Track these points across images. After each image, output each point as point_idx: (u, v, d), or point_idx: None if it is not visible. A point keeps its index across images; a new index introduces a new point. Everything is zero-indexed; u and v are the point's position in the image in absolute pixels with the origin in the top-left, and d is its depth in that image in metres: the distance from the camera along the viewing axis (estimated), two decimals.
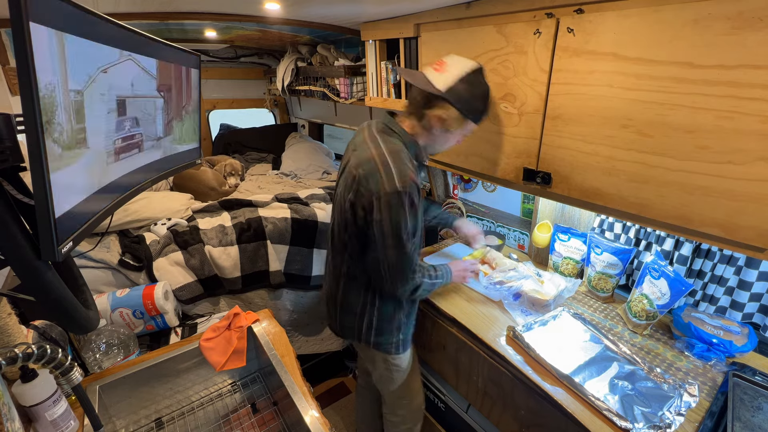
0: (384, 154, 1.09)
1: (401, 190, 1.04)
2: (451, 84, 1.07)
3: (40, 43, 0.57)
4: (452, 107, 1.09)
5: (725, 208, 0.85)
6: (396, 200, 1.05)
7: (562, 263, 1.58)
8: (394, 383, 1.44)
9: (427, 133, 1.17)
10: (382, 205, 1.06)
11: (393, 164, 1.07)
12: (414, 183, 1.07)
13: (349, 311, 1.31)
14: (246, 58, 3.16)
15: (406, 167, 1.08)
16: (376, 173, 1.07)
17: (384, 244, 1.10)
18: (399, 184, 1.04)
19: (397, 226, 1.07)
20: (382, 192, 1.05)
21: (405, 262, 1.12)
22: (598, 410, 0.99)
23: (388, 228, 1.08)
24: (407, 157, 1.12)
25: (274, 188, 2.56)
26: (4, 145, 0.68)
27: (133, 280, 1.65)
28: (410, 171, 1.08)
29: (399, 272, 1.14)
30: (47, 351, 0.71)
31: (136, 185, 1.05)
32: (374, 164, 1.08)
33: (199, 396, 1.27)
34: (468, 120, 1.13)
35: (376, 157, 1.09)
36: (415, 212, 1.10)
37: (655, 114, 0.91)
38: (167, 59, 1.17)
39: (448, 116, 1.11)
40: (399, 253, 1.10)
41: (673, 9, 0.83)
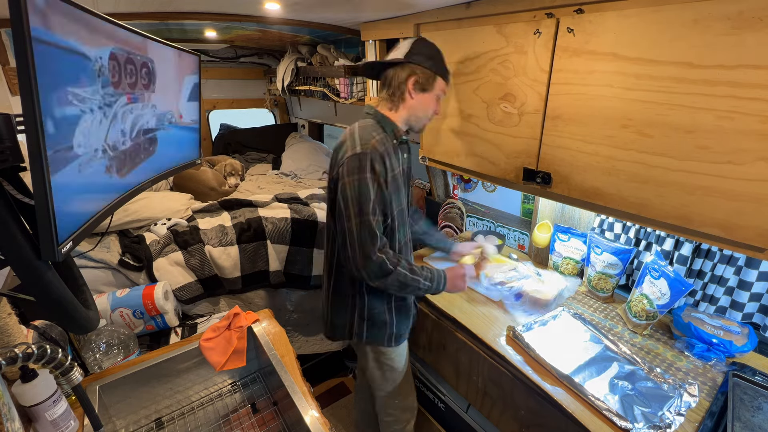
0: (353, 129, 1.18)
1: (360, 151, 1.08)
2: (407, 50, 1.16)
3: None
4: (418, 66, 1.16)
5: (725, 208, 0.85)
6: (356, 162, 1.07)
7: (562, 263, 1.58)
8: (386, 383, 1.43)
9: (404, 106, 1.20)
10: (346, 169, 1.09)
11: (359, 133, 1.14)
12: (376, 149, 1.09)
13: (339, 306, 1.31)
14: (246, 58, 3.16)
15: (370, 135, 1.12)
16: (344, 144, 1.14)
17: (347, 213, 1.09)
18: (359, 148, 1.09)
19: (357, 190, 1.07)
20: (345, 158, 1.09)
21: (365, 233, 1.07)
22: (598, 410, 0.99)
23: (349, 192, 1.08)
24: (375, 130, 1.16)
25: (274, 188, 2.56)
26: (4, 145, 0.68)
27: (133, 280, 1.65)
28: (373, 139, 1.11)
29: (360, 245, 1.08)
30: (47, 351, 0.71)
31: (136, 185, 1.05)
32: (344, 139, 1.17)
33: (199, 396, 1.27)
34: (437, 77, 1.18)
35: (347, 134, 1.18)
36: (379, 182, 1.09)
37: (655, 114, 0.91)
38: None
39: (418, 76, 1.16)
40: (360, 221, 1.07)
41: (673, 9, 0.83)
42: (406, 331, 1.38)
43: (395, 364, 1.40)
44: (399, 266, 1.12)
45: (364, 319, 1.29)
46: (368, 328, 1.30)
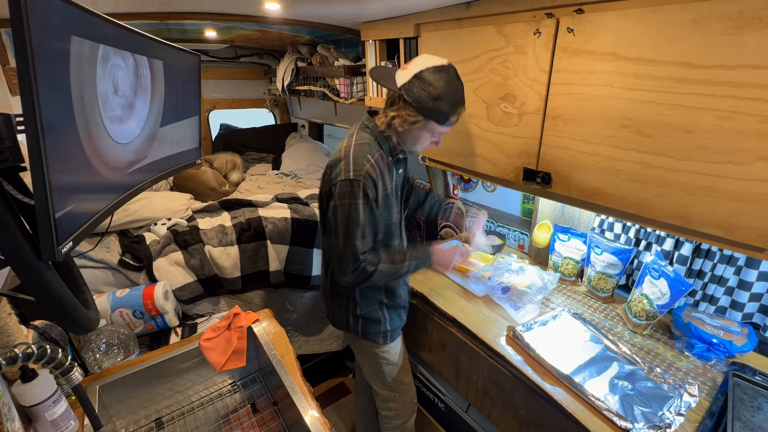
0: (350, 147, 1.14)
1: (353, 178, 1.08)
2: (406, 81, 1.06)
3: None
4: (408, 106, 1.08)
5: (725, 208, 0.85)
6: (347, 188, 1.08)
7: (562, 263, 1.58)
8: (384, 377, 1.45)
9: (395, 131, 1.18)
10: (337, 192, 1.10)
11: (353, 155, 1.11)
12: (369, 175, 1.09)
13: (336, 302, 1.35)
14: (246, 58, 3.16)
15: (364, 159, 1.10)
16: (338, 163, 1.12)
17: (335, 231, 1.13)
18: (352, 174, 1.08)
19: (347, 215, 1.09)
20: (338, 180, 1.10)
21: (348, 253, 1.12)
22: (598, 410, 0.99)
23: (339, 214, 1.11)
24: (371, 151, 1.13)
25: (274, 188, 2.56)
26: (4, 145, 0.68)
27: (133, 280, 1.65)
28: (368, 163, 1.10)
29: (342, 262, 1.14)
30: (47, 351, 0.71)
31: (136, 185, 1.05)
32: (339, 156, 1.13)
33: (199, 396, 1.27)
34: (428, 121, 1.09)
35: (343, 149, 1.14)
36: (371, 206, 1.11)
37: (655, 114, 0.91)
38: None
39: (404, 115, 1.09)
40: (344, 243, 1.12)
41: (673, 9, 0.83)
42: (399, 327, 1.41)
43: (391, 358, 1.42)
44: (379, 265, 1.16)
45: (358, 317, 1.33)
46: (362, 326, 1.34)
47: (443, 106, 1.07)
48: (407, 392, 1.53)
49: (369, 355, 1.41)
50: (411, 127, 1.11)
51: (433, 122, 1.10)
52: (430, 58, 1.09)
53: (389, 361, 1.42)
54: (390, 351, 1.40)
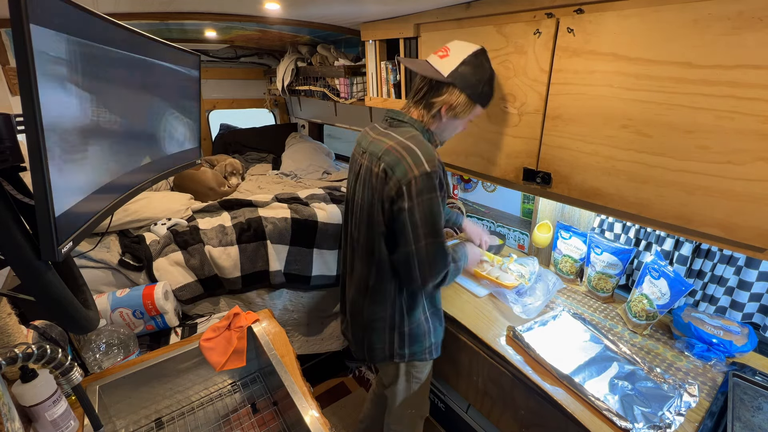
0: (403, 142, 1.04)
1: (431, 170, 0.99)
2: (455, 68, 1.06)
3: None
4: (460, 92, 1.07)
5: (725, 208, 0.85)
6: (427, 183, 0.99)
7: (561, 260, 1.59)
8: (410, 395, 1.38)
9: (436, 121, 1.13)
10: (413, 191, 0.99)
11: (417, 147, 1.02)
12: (441, 163, 1.04)
13: (378, 328, 1.22)
14: (246, 58, 3.16)
15: (430, 148, 1.03)
16: (401, 161, 1.01)
17: (416, 234, 1.02)
18: (428, 166, 0.99)
19: (430, 212, 1.01)
20: (411, 177, 0.99)
21: (439, 252, 1.04)
22: (598, 410, 0.99)
23: (420, 215, 1.01)
24: (428, 141, 1.08)
25: (274, 188, 2.56)
26: (4, 145, 0.68)
27: (133, 280, 1.65)
28: (435, 153, 1.04)
29: (432, 264, 1.05)
30: (47, 351, 0.71)
31: (136, 185, 1.05)
32: (396, 153, 1.03)
33: (199, 396, 1.27)
34: (475, 104, 1.11)
35: (395, 146, 1.04)
36: (444, 195, 1.06)
37: (654, 114, 0.91)
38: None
39: (456, 102, 1.08)
40: (433, 243, 1.03)
41: (673, 9, 0.83)
42: (441, 339, 1.32)
43: (422, 376, 1.35)
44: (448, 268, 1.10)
45: (405, 335, 1.22)
46: (409, 345, 1.24)
47: (488, 88, 1.12)
48: (422, 407, 1.46)
49: (404, 374, 1.32)
50: (461, 113, 1.10)
51: (479, 106, 1.12)
52: (465, 44, 1.10)
53: (420, 378, 1.34)
54: (425, 368, 1.33)
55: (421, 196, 1.00)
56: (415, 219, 1.01)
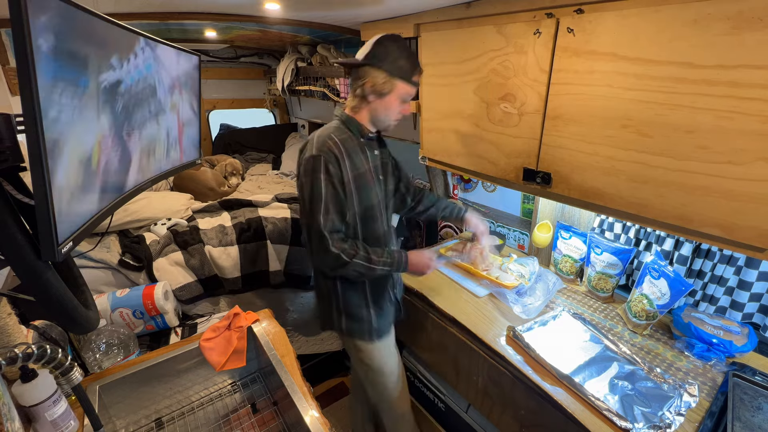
0: (315, 133, 1.20)
1: (316, 154, 1.12)
2: (368, 51, 1.14)
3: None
4: (376, 70, 1.13)
5: (725, 208, 0.85)
6: (310, 164, 1.12)
7: (561, 260, 1.59)
8: (370, 385, 1.43)
9: (365, 107, 1.21)
10: (302, 170, 1.15)
11: (317, 136, 1.17)
12: (331, 152, 1.13)
13: (321, 298, 1.36)
14: (246, 58, 3.16)
15: (328, 138, 1.15)
16: (306, 147, 1.19)
17: (302, 211, 1.16)
18: (315, 150, 1.13)
19: (310, 192, 1.12)
20: (303, 159, 1.16)
21: (315, 232, 1.13)
22: (598, 410, 0.99)
23: (305, 193, 1.14)
24: (335, 132, 1.18)
25: (274, 188, 2.56)
26: (4, 145, 0.68)
27: (133, 280, 1.65)
28: (330, 141, 1.14)
29: (313, 241, 1.15)
30: (47, 351, 0.71)
31: (136, 185, 1.05)
32: (306, 141, 1.21)
33: (199, 396, 1.27)
34: (395, 78, 1.14)
35: (310, 137, 1.21)
36: (333, 183, 1.12)
37: (654, 114, 0.91)
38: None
39: (374, 80, 1.14)
40: (310, 221, 1.13)
41: (673, 9, 0.83)
42: (387, 326, 1.38)
43: (374, 364, 1.37)
44: (355, 257, 1.15)
45: (342, 312, 1.32)
46: (347, 322, 1.33)
47: (406, 63, 1.15)
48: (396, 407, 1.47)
49: (355, 357, 1.40)
50: (381, 89, 1.15)
51: (400, 80, 1.15)
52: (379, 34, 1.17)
53: (372, 367, 1.38)
54: (374, 357, 1.36)
55: (306, 176, 1.13)
56: (303, 196, 1.16)
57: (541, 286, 1.46)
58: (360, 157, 1.20)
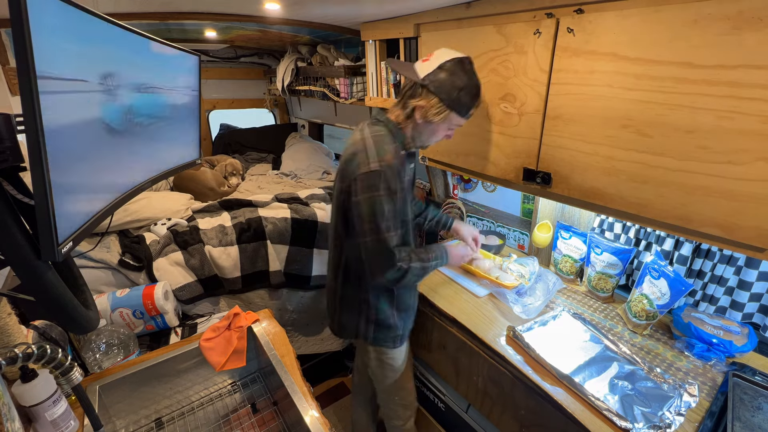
0: (367, 138, 1.12)
1: (378, 169, 1.05)
2: (432, 71, 1.07)
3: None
4: (433, 96, 1.07)
5: (725, 208, 0.85)
6: (371, 180, 1.05)
7: (561, 260, 1.59)
8: (387, 380, 1.45)
9: (411, 123, 1.15)
10: (359, 185, 1.06)
11: (373, 145, 1.09)
12: (392, 165, 1.07)
13: (348, 308, 1.31)
14: (246, 58, 3.16)
15: (385, 148, 1.08)
16: (357, 155, 1.09)
17: (362, 228, 1.09)
18: (376, 164, 1.05)
19: (372, 209, 1.06)
20: (360, 172, 1.06)
21: (382, 249, 1.08)
22: (598, 410, 0.99)
23: (364, 210, 1.06)
24: (389, 142, 1.11)
25: (274, 188, 2.56)
26: (4, 145, 0.68)
27: (133, 280, 1.65)
28: (389, 153, 1.08)
29: (376, 259, 1.10)
30: (47, 351, 0.71)
31: (136, 185, 1.05)
32: (356, 148, 1.11)
33: (199, 396, 1.27)
34: (449, 110, 1.09)
35: (359, 141, 1.12)
36: (393, 198, 1.07)
37: (655, 114, 0.91)
38: None
39: (428, 105, 1.09)
40: (376, 239, 1.07)
41: (673, 9, 0.83)
42: (408, 331, 1.40)
43: (396, 363, 1.41)
44: (411, 263, 1.14)
45: (372, 322, 1.30)
46: (375, 331, 1.31)
47: (466, 97, 1.09)
48: (407, 396, 1.53)
49: (376, 359, 1.41)
50: (433, 117, 1.10)
51: (455, 113, 1.10)
52: (450, 51, 1.10)
53: (393, 366, 1.41)
54: (395, 357, 1.39)
55: (365, 193, 1.06)
56: (360, 212, 1.08)
57: (541, 286, 1.46)
58: (403, 170, 1.16)
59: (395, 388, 1.48)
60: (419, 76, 1.09)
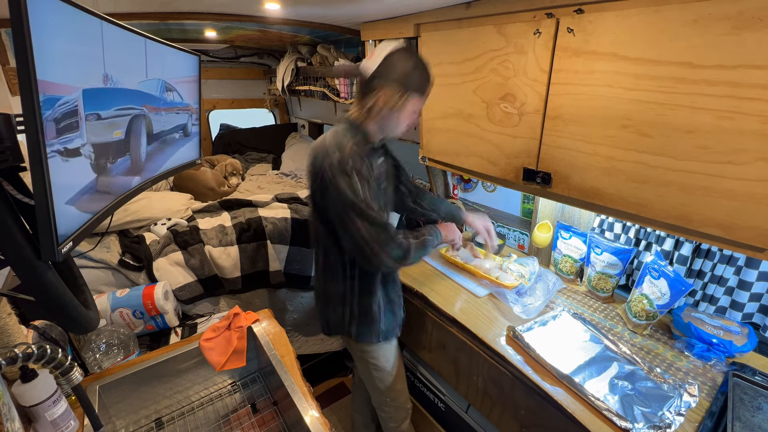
0: (326, 137, 1.16)
1: (342, 158, 1.08)
2: (378, 65, 1.10)
3: None
4: (388, 85, 1.11)
5: (725, 208, 0.85)
6: (340, 168, 1.07)
7: (561, 260, 1.59)
8: (375, 381, 1.45)
9: (373, 117, 1.17)
10: (332, 177, 1.08)
11: (333, 141, 1.13)
12: (356, 153, 1.09)
13: (332, 303, 1.33)
14: (246, 58, 3.16)
15: (345, 140, 1.11)
16: (320, 152, 1.13)
17: (348, 218, 1.09)
18: (339, 155, 1.08)
19: (351, 195, 1.07)
20: (327, 165, 1.09)
21: (376, 227, 1.08)
22: (598, 410, 0.99)
23: (345, 199, 1.07)
24: (348, 136, 1.14)
25: (274, 188, 2.56)
26: (4, 145, 0.68)
27: (133, 280, 1.65)
28: (349, 142, 1.11)
29: (375, 239, 1.09)
30: (47, 351, 0.70)
31: (136, 185, 1.05)
32: (319, 147, 1.16)
33: (199, 396, 1.27)
34: (410, 94, 1.12)
35: (320, 141, 1.18)
36: (366, 182, 1.09)
37: (655, 114, 0.91)
38: None
39: (386, 95, 1.11)
40: (367, 222, 1.08)
41: (673, 9, 0.83)
42: (392, 328, 1.38)
43: (380, 364, 1.40)
44: (410, 239, 1.16)
45: (355, 315, 1.32)
46: (358, 325, 1.32)
47: (419, 76, 1.13)
48: (398, 398, 1.52)
49: (361, 359, 1.41)
50: (395, 104, 1.12)
51: (414, 95, 1.13)
52: (389, 43, 1.15)
53: (377, 366, 1.40)
54: (379, 357, 1.38)
55: (339, 181, 1.08)
56: (342, 203, 1.09)
57: (541, 286, 1.46)
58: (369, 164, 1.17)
59: (386, 389, 1.47)
60: (368, 72, 1.12)
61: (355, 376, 1.82)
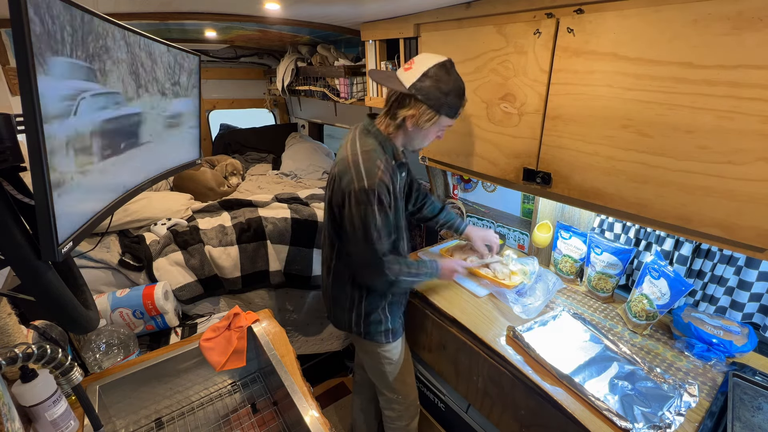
0: (356, 154, 1.15)
1: (368, 188, 1.10)
2: (417, 80, 1.09)
3: None
4: (421, 104, 1.11)
5: (725, 208, 0.85)
6: (364, 197, 1.10)
7: (561, 260, 1.59)
8: (387, 377, 1.47)
9: (402, 132, 1.20)
10: (352, 202, 1.12)
11: (363, 163, 1.12)
12: (382, 182, 1.11)
13: (339, 304, 1.38)
14: (246, 58, 3.16)
15: (375, 167, 1.12)
16: (348, 172, 1.13)
17: (354, 238, 1.15)
18: (366, 183, 1.10)
19: (365, 223, 1.12)
20: (352, 189, 1.11)
21: (373, 257, 1.16)
22: (598, 410, 0.99)
23: (357, 223, 1.12)
24: (379, 157, 1.15)
25: (274, 188, 2.56)
26: (4, 145, 0.68)
27: (133, 280, 1.65)
28: (379, 170, 1.12)
29: (368, 267, 1.19)
30: (47, 351, 0.71)
31: (136, 185, 1.05)
32: (347, 164, 1.15)
33: (199, 396, 1.27)
34: (440, 115, 1.13)
35: (349, 156, 1.15)
36: (385, 211, 1.14)
37: (655, 114, 0.91)
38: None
39: (418, 113, 1.12)
40: (367, 249, 1.15)
41: (673, 9, 0.83)
42: (399, 325, 1.43)
43: (392, 357, 1.43)
44: (401, 275, 1.21)
45: (362, 316, 1.35)
46: (366, 325, 1.36)
47: (453, 99, 1.13)
48: (410, 394, 1.54)
49: (372, 354, 1.43)
50: (424, 124, 1.14)
51: (445, 116, 1.15)
52: (430, 56, 1.13)
53: (391, 360, 1.43)
54: (392, 350, 1.41)
55: (358, 208, 1.11)
56: (353, 225, 1.13)
57: (541, 286, 1.46)
58: (394, 180, 1.20)
59: (397, 386, 1.49)
60: (405, 85, 1.11)
61: (355, 376, 1.83)
